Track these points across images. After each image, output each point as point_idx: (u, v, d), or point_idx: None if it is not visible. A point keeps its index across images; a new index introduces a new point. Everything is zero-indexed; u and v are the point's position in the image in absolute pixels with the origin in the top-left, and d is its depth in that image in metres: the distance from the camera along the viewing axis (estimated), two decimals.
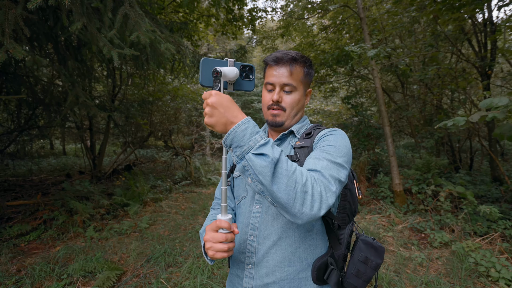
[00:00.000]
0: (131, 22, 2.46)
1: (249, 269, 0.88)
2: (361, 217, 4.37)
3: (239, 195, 0.97)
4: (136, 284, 2.58)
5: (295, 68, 0.91)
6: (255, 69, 0.86)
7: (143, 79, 7.16)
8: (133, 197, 5.19)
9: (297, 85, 0.92)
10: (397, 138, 8.93)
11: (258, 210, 0.89)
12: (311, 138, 0.90)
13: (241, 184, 0.97)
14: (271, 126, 0.97)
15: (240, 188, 0.97)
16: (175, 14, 6.62)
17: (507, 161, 7.08)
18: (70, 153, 12.11)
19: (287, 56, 0.91)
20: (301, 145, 0.90)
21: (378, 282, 2.58)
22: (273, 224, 0.86)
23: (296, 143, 0.92)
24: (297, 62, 0.92)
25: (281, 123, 0.94)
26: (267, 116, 0.96)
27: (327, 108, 9.63)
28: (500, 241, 3.06)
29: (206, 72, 0.77)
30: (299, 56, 0.92)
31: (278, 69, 0.91)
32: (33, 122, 5.31)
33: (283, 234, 0.85)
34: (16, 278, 2.60)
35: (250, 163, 0.64)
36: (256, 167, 0.63)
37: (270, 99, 0.93)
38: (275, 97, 0.91)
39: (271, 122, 0.95)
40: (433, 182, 4.30)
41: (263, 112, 0.99)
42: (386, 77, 7.37)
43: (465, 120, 1.98)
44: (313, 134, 0.92)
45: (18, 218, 3.84)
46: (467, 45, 5.77)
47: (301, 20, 7.65)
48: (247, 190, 0.95)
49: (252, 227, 0.89)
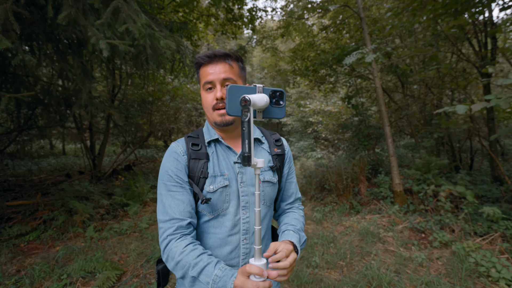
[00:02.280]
0: (122, 15, 2.43)
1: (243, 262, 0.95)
2: (361, 217, 4.37)
3: (219, 208, 0.92)
4: (136, 284, 2.58)
5: (231, 62, 0.92)
6: (285, 94, 0.80)
7: (143, 79, 7.15)
8: (133, 197, 5.18)
9: (236, 79, 0.92)
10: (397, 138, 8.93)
11: (247, 215, 0.94)
12: (281, 146, 1.05)
13: (220, 196, 0.91)
14: (221, 126, 0.93)
15: (219, 201, 0.91)
16: (174, 14, 6.61)
17: (507, 161, 7.07)
18: (70, 153, 12.10)
19: (219, 52, 0.91)
20: (278, 153, 1.03)
21: (378, 282, 2.58)
22: (262, 224, 0.98)
23: (274, 150, 1.02)
24: (231, 57, 0.92)
25: (231, 121, 0.92)
26: (214, 118, 0.92)
27: (327, 108, 9.63)
28: (500, 241, 3.06)
29: (233, 100, 0.71)
30: (231, 52, 0.93)
31: (214, 66, 0.90)
32: (33, 122, 5.30)
33: (267, 230, 1.03)
34: (16, 278, 2.59)
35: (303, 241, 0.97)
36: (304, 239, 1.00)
37: (213, 98, 0.90)
38: (218, 94, 0.88)
39: (221, 123, 0.92)
40: (434, 182, 4.29)
41: (206, 116, 0.96)
42: (386, 77, 7.37)
43: (466, 108, 1.96)
44: (281, 142, 1.06)
45: (18, 218, 3.84)
46: (467, 45, 5.76)
47: (301, 20, 7.64)
48: (229, 201, 0.92)
49: (244, 232, 0.93)
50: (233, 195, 0.92)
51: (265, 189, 0.97)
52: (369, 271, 2.78)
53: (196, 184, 0.91)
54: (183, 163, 0.91)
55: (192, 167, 0.91)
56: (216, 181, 0.91)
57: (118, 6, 2.40)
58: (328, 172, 6.07)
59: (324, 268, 2.92)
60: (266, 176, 0.97)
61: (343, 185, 5.37)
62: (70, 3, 2.29)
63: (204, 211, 0.92)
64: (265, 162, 0.98)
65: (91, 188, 5.11)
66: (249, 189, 0.94)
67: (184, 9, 6.36)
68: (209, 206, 0.91)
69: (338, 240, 3.63)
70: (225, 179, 0.92)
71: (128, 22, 2.42)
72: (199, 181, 0.91)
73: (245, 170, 0.95)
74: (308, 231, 3.96)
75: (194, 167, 0.91)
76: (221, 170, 0.93)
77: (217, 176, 0.92)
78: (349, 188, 5.31)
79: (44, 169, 7.60)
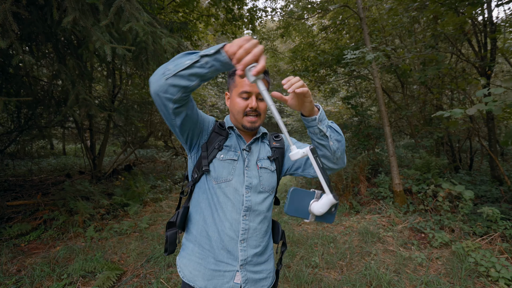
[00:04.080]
0: (125, 14, 2.43)
1: (242, 244, 1.02)
2: (361, 217, 4.37)
3: (221, 177, 1.03)
4: (136, 284, 2.58)
5: (267, 78, 1.07)
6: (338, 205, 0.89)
7: (143, 79, 7.16)
8: (133, 197, 5.19)
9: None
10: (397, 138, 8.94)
11: (249, 195, 1.04)
12: (281, 141, 1.18)
13: (226, 167, 1.04)
14: (247, 130, 1.08)
15: (224, 171, 1.03)
16: (174, 14, 6.61)
17: (507, 161, 7.08)
18: (70, 153, 12.10)
19: None
20: (277, 146, 1.15)
21: (378, 282, 2.59)
22: (262, 204, 1.06)
23: (273, 143, 1.16)
24: (267, 74, 1.07)
25: (257, 127, 1.08)
26: (243, 122, 1.05)
27: (327, 108, 9.64)
28: (500, 241, 3.06)
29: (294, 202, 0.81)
30: (266, 69, 1.06)
31: None
32: (33, 122, 5.30)
33: (268, 211, 1.10)
34: (16, 278, 2.60)
35: (334, 127, 0.97)
36: (337, 128, 0.98)
37: (246, 106, 1.04)
38: (254, 104, 1.02)
39: (250, 128, 1.06)
40: (433, 182, 4.30)
41: (234, 117, 1.08)
42: (386, 77, 7.37)
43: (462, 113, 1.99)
44: (280, 138, 1.19)
45: (18, 218, 3.84)
46: (467, 45, 5.77)
47: (300, 20, 7.65)
48: (233, 175, 1.04)
49: (245, 209, 1.02)
50: (238, 171, 1.05)
51: (262, 175, 1.09)
52: (368, 271, 2.78)
53: (209, 153, 1.05)
54: (210, 125, 1.10)
55: (211, 138, 1.07)
56: (228, 153, 1.06)
57: (121, 5, 2.39)
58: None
59: (324, 268, 2.93)
60: (263, 164, 1.10)
61: (343, 185, 5.37)
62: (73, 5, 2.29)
63: (210, 175, 1.04)
64: (265, 153, 1.14)
65: (91, 188, 5.11)
66: (252, 173, 1.07)
67: (184, 9, 6.37)
68: (215, 172, 1.03)
69: (338, 240, 3.63)
70: (235, 155, 1.07)
71: (131, 20, 2.41)
72: (212, 151, 1.05)
73: (251, 157, 1.09)
74: (308, 231, 3.96)
75: (213, 138, 1.07)
76: (235, 148, 1.09)
77: (230, 151, 1.07)
78: (349, 188, 5.31)
79: (45, 169, 7.60)
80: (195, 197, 1.10)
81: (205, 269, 1.02)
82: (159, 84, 0.80)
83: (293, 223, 4.16)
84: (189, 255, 1.07)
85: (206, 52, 0.76)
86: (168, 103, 0.84)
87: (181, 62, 0.78)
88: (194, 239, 1.07)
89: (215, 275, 1.01)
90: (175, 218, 1.09)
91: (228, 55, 0.74)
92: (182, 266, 1.07)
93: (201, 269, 1.02)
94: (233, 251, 1.01)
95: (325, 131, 0.93)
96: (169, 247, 1.06)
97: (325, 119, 0.94)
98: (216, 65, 0.77)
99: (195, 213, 1.08)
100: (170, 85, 0.79)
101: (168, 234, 1.06)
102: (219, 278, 1.01)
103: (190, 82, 0.80)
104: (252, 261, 1.04)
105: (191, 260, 1.05)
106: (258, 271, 1.06)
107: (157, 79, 0.80)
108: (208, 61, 0.77)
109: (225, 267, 1.01)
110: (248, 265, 1.03)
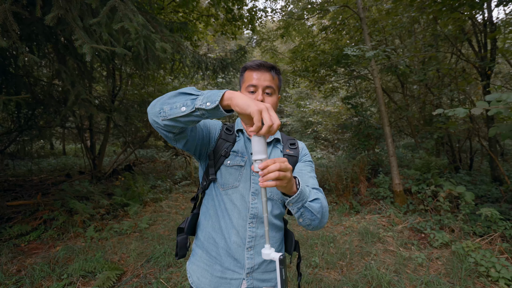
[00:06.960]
0: (118, 14, 2.42)
1: (249, 252, 0.99)
2: (361, 217, 4.37)
3: (228, 184, 1.02)
4: (136, 284, 2.58)
5: (274, 74, 1.03)
6: None
7: (143, 79, 7.16)
8: (133, 197, 5.19)
9: (275, 88, 1.03)
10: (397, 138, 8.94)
11: (256, 202, 1.01)
12: (296, 149, 1.12)
13: (233, 173, 1.02)
14: None
15: (231, 177, 1.02)
16: (174, 14, 6.62)
17: (507, 161, 7.08)
18: (70, 153, 12.11)
19: (267, 63, 1.03)
20: (291, 154, 1.10)
21: (378, 282, 2.59)
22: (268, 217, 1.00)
23: (286, 151, 1.10)
24: (275, 70, 1.04)
25: None
26: None
27: (327, 109, 9.64)
28: (500, 241, 3.06)
29: None
30: (276, 65, 1.05)
31: (260, 73, 1.00)
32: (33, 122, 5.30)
33: (276, 219, 1.06)
34: (16, 278, 2.60)
35: (311, 208, 0.87)
36: (314, 209, 0.87)
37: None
38: (259, 97, 0.98)
39: None
40: (433, 182, 4.30)
41: None
42: (386, 77, 7.37)
43: (466, 112, 1.94)
44: (297, 146, 1.14)
45: (18, 218, 3.84)
46: (467, 45, 5.77)
47: (300, 20, 7.65)
48: (240, 181, 1.02)
49: (251, 216, 1.00)
50: (245, 178, 1.02)
51: None
52: (368, 271, 2.78)
53: (216, 161, 1.04)
54: (217, 131, 1.09)
55: (219, 145, 1.06)
56: (235, 159, 1.04)
57: (115, 5, 2.39)
58: (328, 172, 6.08)
59: (324, 268, 2.93)
60: None
61: (343, 185, 5.37)
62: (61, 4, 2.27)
63: (217, 182, 1.03)
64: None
65: (91, 188, 5.11)
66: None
67: (184, 9, 6.37)
68: (221, 178, 1.02)
69: (338, 240, 3.63)
70: (243, 160, 1.04)
71: (125, 21, 2.40)
72: (219, 159, 1.04)
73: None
74: (308, 231, 3.96)
75: (220, 145, 1.05)
76: (242, 153, 1.06)
77: (237, 156, 1.04)
78: (349, 188, 5.31)
79: (44, 169, 7.61)
80: (205, 203, 1.10)
81: (212, 276, 1.01)
82: (156, 121, 0.82)
83: (293, 223, 4.16)
84: (197, 261, 1.07)
85: (202, 106, 0.75)
86: (167, 133, 0.86)
87: (177, 106, 0.78)
88: (202, 245, 1.07)
89: (221, 282, 1.00)
90: (184, 224, 1.11)
91: (227, 105, 0.75)
92: (191, 272, 1.07)
93: (208, 276, 1.02)
94: (240, 259, 1.00)
95: (295, 213, 0.87)
96: (179, 252, 1.08)
97: (300, 200, 0.84)
98: (213, 116, 0.79)
99: (204, 219, 1.08)
100: (167, 125, 0.81)
101: (178, 239, 1.08)
102: (225, 285, 1.00)
103: (187, 125, 0.83)
104: (260, 268, 1.02)
105: (199, 266, 1.05)
106: (266, 279, 1.04)
107: (154, 115, 0.81)
108: (204, 113, 0.77)
109: (231, 274, 1.00)
110: (255, 272, 1.01)
